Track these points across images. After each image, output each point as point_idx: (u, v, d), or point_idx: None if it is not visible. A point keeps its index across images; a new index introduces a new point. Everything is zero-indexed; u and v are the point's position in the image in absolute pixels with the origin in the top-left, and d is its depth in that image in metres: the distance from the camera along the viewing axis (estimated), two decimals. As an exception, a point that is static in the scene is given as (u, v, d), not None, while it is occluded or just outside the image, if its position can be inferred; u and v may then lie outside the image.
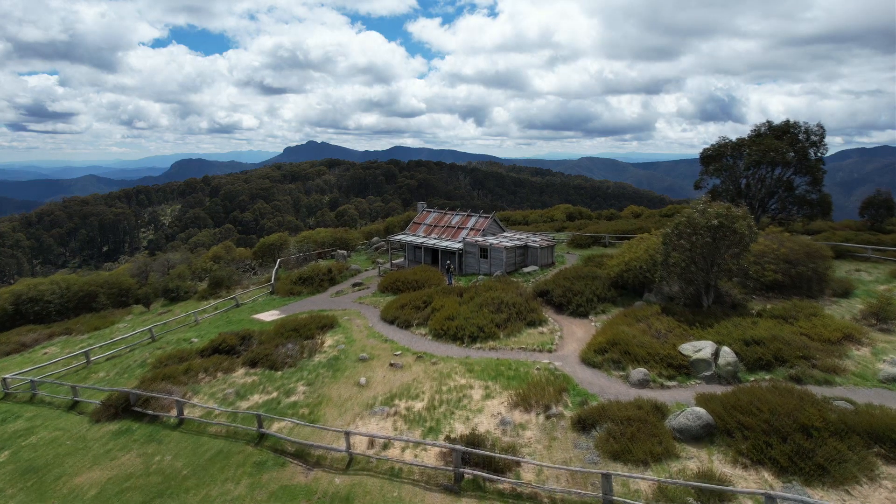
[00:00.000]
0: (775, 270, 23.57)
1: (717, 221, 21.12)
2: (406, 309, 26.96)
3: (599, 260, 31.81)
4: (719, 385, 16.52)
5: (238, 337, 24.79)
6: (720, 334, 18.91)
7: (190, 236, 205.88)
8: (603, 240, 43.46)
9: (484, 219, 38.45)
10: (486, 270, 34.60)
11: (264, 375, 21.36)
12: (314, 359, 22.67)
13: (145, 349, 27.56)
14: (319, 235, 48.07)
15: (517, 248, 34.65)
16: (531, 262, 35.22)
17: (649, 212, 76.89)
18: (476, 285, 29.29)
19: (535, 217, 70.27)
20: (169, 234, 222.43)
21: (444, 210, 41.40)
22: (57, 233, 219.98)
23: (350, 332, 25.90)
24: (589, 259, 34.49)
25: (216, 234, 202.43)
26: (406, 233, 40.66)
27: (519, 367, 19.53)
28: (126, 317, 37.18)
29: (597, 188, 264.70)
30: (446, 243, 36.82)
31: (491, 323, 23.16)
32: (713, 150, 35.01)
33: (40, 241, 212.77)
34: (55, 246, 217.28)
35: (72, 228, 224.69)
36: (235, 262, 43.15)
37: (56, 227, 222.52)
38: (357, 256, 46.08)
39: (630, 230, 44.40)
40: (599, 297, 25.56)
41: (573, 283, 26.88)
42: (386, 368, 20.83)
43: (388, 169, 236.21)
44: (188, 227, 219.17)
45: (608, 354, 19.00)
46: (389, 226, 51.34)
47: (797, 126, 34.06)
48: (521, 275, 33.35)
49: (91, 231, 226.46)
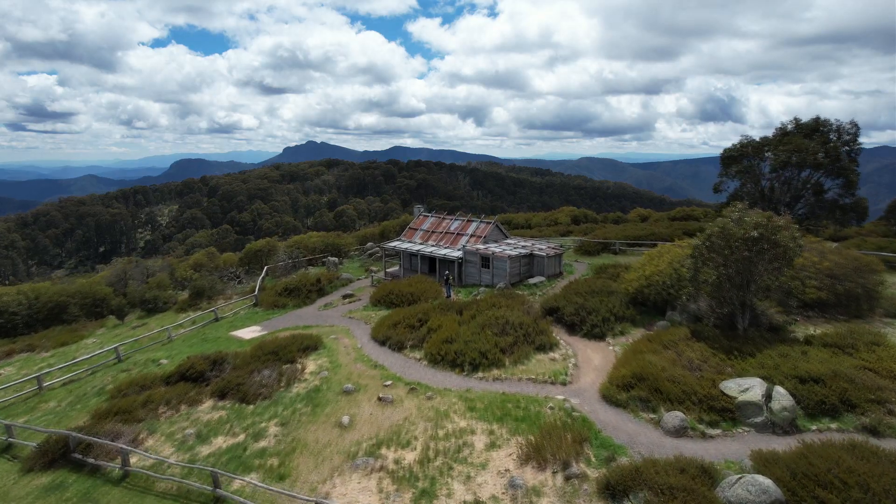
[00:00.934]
0: (818, 287, 20.70)
1: (756, 233, 18.24)
2: (399, 328, 24.08)
3: (613, 271, 28.93)
4: (774, 435, 13.65)
5: (209, 361, 21.91)
6: (765, 367, 16.02)
7: (187, 237, 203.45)
8: (613, 246, 40.59)
9: (485, 224, 35.58)
10: (487, 281, 31.73)
11: (233, 410, 18.49)
12: (292, 389, 19.79)
13: (109, 371, 24.71)
14: (310, 241, 45.21)
15: (522, 257, 31.77)
16: (537, 273, 32.33)
17: (657, 214, 73.98)
18: (477, 300, 26.42)
19: (538, 220, 67.40)
20: (166, 235, 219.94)
21: (442, 215, 38.52)
22: (53, 233, 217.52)
23: (336, 354, 23.02)
24: (601, 270, 31.64)
25: (213, 234, 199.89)
26: (401, 239, 37.79)
27: (529, 405, 16.65)
28: (98, 330, 34.31)
29: (597, 188, 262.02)
30: (444, 251, 33.95)
31: (495, 347, 20.27)
32: (736, 151, 32.15)
33: (36, 241, 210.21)
34: (51, 247, 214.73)
35: (68, 229, 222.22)
36: (219, 271, 40.33)
37: (52, 227, 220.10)
38: (350, 264, 43.21)
39: (642, 236, 41.55)
40: (617, 315, 22.68)
41: (586, 299, 24.00)
42: (373, 403, 17.96)
43: (388, 169, 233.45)
44: (185, 227, 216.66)
45: (634, 391, 16.11)
46: (385, 230, 48.50)
47: (828, 124, 31.22)
48: (526, 287, 30.47)
49: (87, 232, 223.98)
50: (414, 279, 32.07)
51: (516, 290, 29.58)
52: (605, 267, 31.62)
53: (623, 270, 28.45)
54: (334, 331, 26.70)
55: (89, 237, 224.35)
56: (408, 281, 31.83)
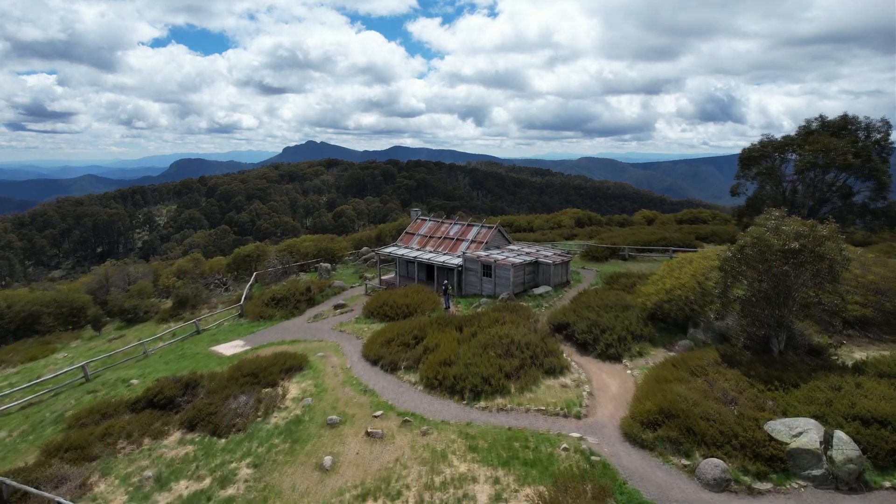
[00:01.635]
0: (862, 303, 18.44)
1: (797, 244, 15.98)
2: (393, 346, 21.84)
3: (626, 281, 26.67)
4: (838, 492, 11.41)
5: (180, 385, 19.67)
6: (815, 403, 13.76)
7: (185, 237, 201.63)
8: (622, 252, 38.32)
9: (487, 229, 33.31)
10: (489, 291, 29.47)
11: (202, 445, 16.25)
12: (271, 419, 17.54)
13: (74, 393, 22.50)
14: (303, 245, 42.96)
15: (526, 265, 29.50)
16: (543, 282, 30.07)
17: (663, 216, 71.66)
18: (478, 313, 24.15)
19: (540, 223, 65.15)
20: (164, 235, 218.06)
21: (441, 218, 36.25)
22: (50, 234, 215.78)
23: (322, 376, 20.77)
24: (612, 279, 29.37)
25: (212, 235, 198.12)
26: (398, 244, 35.52)
27: (540, 445, 14.39)
28: (72, 343, 32.10)
29: (597, 188, 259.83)
30: (443, 258, 31.68)
31: (499, 372, 18.01)
32: (756, 151, 29.88)
33: (33, 242, 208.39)
34: (48, 247, 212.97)
35: (65, 229, 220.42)
36: (205, 277, 38.11)
37: (49, 227, 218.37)
38: (344, 270, 40.95)
39: (652, 241, 39.28)
40: (634, 334, 20.42)
41: (599, 314, 21.74)
42: (361, 439, 15.72)
43: (387, 169, 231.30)
44: (183, 227, 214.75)
45: (662, 430, 13.85)
46: (382, 233, 46.27)
47: (856, 121, 28.97)
48: (531, 298, 28.20)
49: (85, 232, 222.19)
50: (410, 289, 29.82)
51: (521, 302, 27.32)
52: (616, 276, 29.36)
53: (637, 281, 26.21)
54: (322, 347, 24.46)
55: (87, 238, 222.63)
56: (404, 290, 29.59)
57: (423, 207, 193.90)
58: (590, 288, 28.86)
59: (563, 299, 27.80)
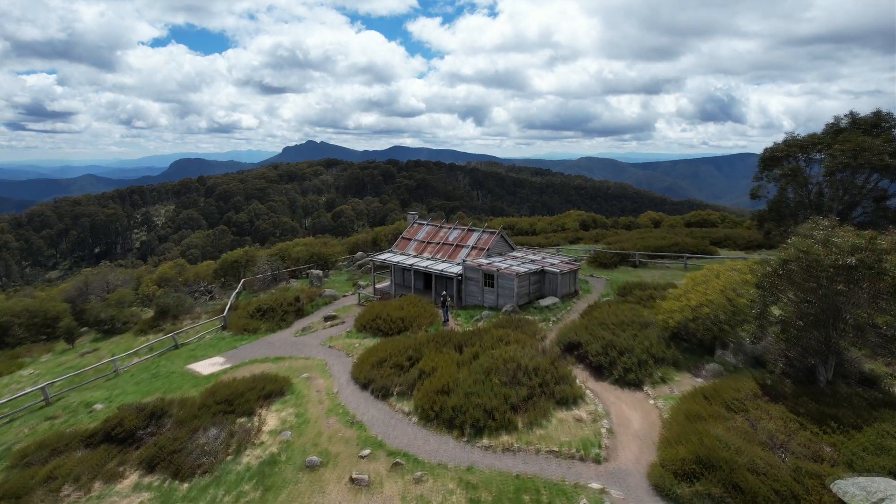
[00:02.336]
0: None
1: (853, 259, 13.68)
2: (385, 368, 19.58)
3: (641, 293, 24.36)
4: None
5: (144, 415, 17.41)
6: (889, 452, 11.47)
7: (183, 238, 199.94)
8: (632, 258, 36.01)
9: (489, 234, 31.02)
10: (492, 303, 27.20)
11: (160, 492, 14.00)
12: (242, 458, 15.27)
13: (31, 418, 20.27)
14: (294, 250, 40.72)
15: (532, 274, 27.21)
16: (549, 292, 27.77)
17: (670, 219, 69.29)
18: (480, 329, 21.86)
19: (543, 225, 62.84)
20: (162, 236, 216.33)
21: (439, 223, 33.95)
22: (47, 234, 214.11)
23: (305, 403, 18.52)
24: (625, 290, 27.07)
25: (210, 235, 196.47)
26: (393, 251, 33.23)
27: (554, 499, 12.11)
28: (42, 357, 29.87)
29: (598, 189, 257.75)
30: (442, 266, 29.39)
31: (504, 403, 15.73)
32: (780, 150, 27.59)
33: (30, 242, 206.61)
34: (45, 248, 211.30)
35: (62, 230, 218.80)
36: (189, 285, 35.88)
37: (46, 228, 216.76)
38: (337, 276, 38.67)
39: (664, 247, 36.97)
40: (655, 356, 18.14)
41: (615, 333, 19.47)
42: (344, 486, 13.45)
43: (387, 169, 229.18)
44: (181, 228, 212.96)
45: (701, 484, 11.57)
46: (378, 237, 44.01)
47: (890, 118, 26.68)
48: (537, 310, 25.92)
49: (82, 232, 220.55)
50: (406, 300, 27.55)
51: (526, 315, 25.05)
52: (629, 287, 27.05)
53: (654, 293, 23.91)
54: (308, 366, 22.22)
55: (84, 238, 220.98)
56: (399, 302, 27.32)
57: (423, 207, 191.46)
58: (601, 300, 26.57)
59: (573, 312, 25.52)
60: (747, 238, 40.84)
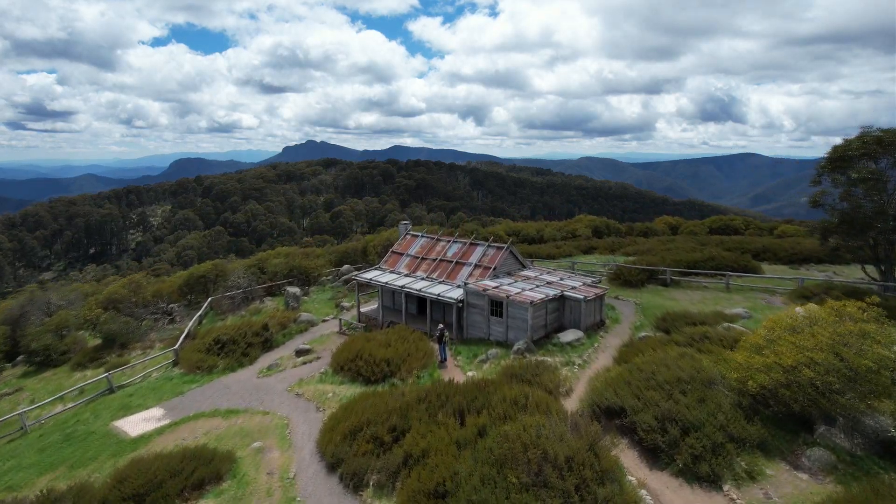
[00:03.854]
0: None
1: None
2: (360, 441, 14.50)
3: (692, 332, 19.11)
4: None
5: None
6: None
7: (178, 239, 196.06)
8: (662, 275, 30.83)
9: (496, 250, 25.88)
10: (500, 336, 22.09)
11: None
12: None
13: None
14: (272, 262, 35.67)
15: (549, 301, 22.06)
16: (571, 324, 22.63)
17: (689, 224, 63.92)
18: (487, 384, 16.64)
19: (551, 232, 57.32)
20: (157, 237, 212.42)
21: (436, 235, 28.75)
22: (41, 235, 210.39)
23: (248, 496, 13.45)
24: (665, 321, 21.87)
25: (206, 236, 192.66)
26: (381, 267, 28.09)
27: None
28: (-43, 397, 24.86)
29: (599, 189, 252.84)
30: (439, 288, 24.24)
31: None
32: (855, 149, 22.42)
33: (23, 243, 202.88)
34: (38, 248, 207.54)
35: (56, 230, 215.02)
36: (147, 305, 30.84)
37: (40, 228, 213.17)
38: (318, 294, 33.54)
39: (698, 261, 31.75)
40: (733, 435, 12.99)
41: (670, 395, 14.33)
42: None
43: (386, 169, 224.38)
44: (177, 229, 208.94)
45: None
46: (368, 247, 38.93)
47: None
48: (558, 348, 20.78)
49: (77, 233, 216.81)
50: (394, 332, 22.43)
51: (544, 355, 19.94)
52: (671, 318, 21.82)
53: (709, 331, 18.67)
54: (265, 427, 17.17)
55: (79, 239, 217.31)
56: (385, 335, 22.20)
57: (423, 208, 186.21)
58: (635, 335, 21.41)
59: (603, 352, 20.38)
60: (790, 250, 35.65)
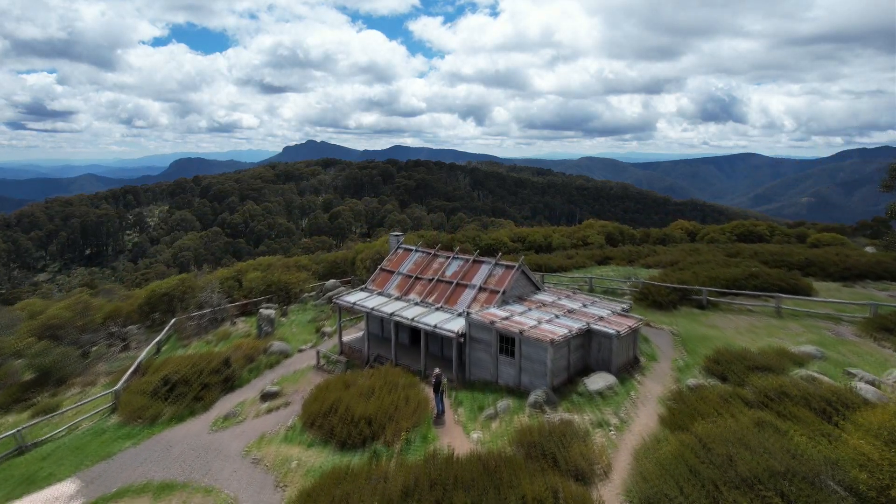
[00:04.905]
0: None
1: None
2: (317, 561, 10.11)
3: (763, 384, 14.59)
4: None
5: None
6: None
7: (175, 240, 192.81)
8: (698, 295, 26.37)
9: (505, 270, 21.40)
10: (511, 379, 17.69)
11: None
12: None
13: None
14: (248, 276, 31.34)
15: (574, 337, 17.63)
16: (600, 365, 18.18)
17: (708, 229, 59.35)
18: (500, 465, 12.23)
19: (560, 239, 52.73)
20: (154, 238, 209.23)
21: (432, 250, 24.23)
22: (36, 235, 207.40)
23: None
24: (718, 363, 17.27)
25: (203, 237, 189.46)
26: (369, 288, 23.66)
27: None
28: None
29: (600, 189, 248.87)
30: (436, 318, 19.80)
31: None
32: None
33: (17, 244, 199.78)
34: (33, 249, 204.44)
35: (52, 231, 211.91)
36: (94, 330, 26.56)
37: (35, 228, 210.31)
38: (298, 315, 29.16)
39: (739, 279, 27.25)
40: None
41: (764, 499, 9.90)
42: None
43: (386, 169, 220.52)
44: (174, 229, 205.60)
45: None
46: (357, 259, 34.57)
47: None
48: (584, 399, 16.34)
49: (72, 234, 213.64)
50: (379, 377, 18.01)
51: (567, 409, 15.53)
52: (726, 359, 17.24)
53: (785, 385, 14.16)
54: (200, 519, 12.81)
55: (75, 239, 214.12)
56: (370, 380, 17.80)
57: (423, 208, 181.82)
58: (682, 382, 16.92)
59: (643, 406, 15.91)
60: (840, 264, 31.07)
